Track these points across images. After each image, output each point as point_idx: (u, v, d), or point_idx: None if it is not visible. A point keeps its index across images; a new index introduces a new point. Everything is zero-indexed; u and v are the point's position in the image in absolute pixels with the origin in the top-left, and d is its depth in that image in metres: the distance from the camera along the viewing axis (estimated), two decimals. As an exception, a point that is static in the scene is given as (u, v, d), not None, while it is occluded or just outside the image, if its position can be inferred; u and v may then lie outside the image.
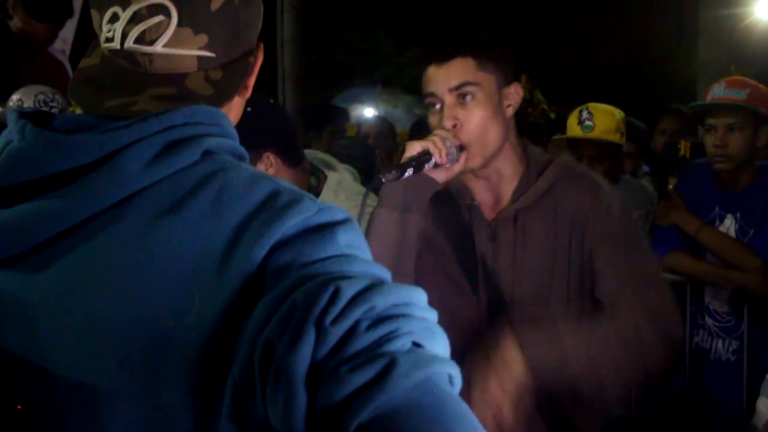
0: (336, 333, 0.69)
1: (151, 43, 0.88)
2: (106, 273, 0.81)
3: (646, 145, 3.95)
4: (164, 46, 0.88)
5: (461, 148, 1.63)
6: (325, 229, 0.80)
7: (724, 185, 2.74)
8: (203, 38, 0.88)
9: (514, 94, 1.70)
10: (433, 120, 1.68)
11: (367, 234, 1.62)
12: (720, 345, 2.76)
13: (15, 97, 2.90)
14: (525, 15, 11.30)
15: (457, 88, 1.63)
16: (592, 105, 3.11)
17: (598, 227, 1.66)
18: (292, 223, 0.79)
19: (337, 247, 0.79)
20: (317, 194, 2.37)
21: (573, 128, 3.11)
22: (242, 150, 0.91)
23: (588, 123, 3.03)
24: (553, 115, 7.62)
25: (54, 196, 0.82)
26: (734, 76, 3.19)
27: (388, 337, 0.69)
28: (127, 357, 0.79)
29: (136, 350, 0.79)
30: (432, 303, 0.75)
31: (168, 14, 0.87)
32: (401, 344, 0.69)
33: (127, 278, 0.80)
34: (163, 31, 0.87)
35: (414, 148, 1.59)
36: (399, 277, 1.33)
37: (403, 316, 0.71)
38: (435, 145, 1.59)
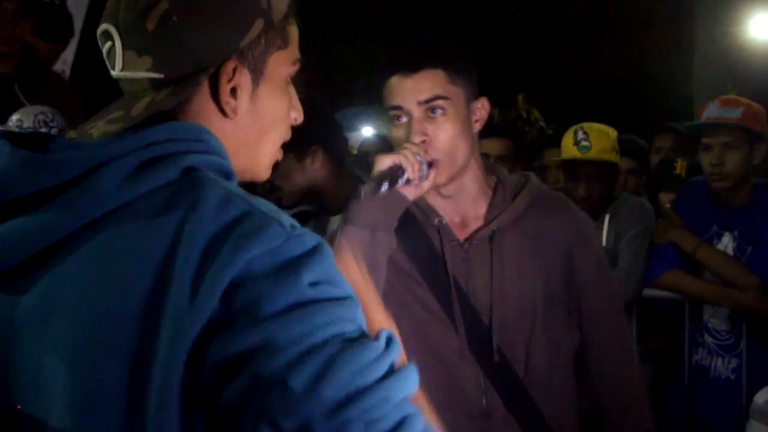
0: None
1: (113, 68, 0.90)
2: (83, 292, 0.81)
3: (647, 161, 3.96)
4: (121, 70, 0.89)
5: (430, 164, 1.53)
6: (290, 268, 0.77)
7: (722, 203, 2.75)
8: (148, 60, 0.87)
9: (481, 109, 1.62)
10: (397, 133, 1.58)
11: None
12: (719, 363, 2.75)
13: (15, 117, 2.89)
14: (521, 34, 11.36)
15: (427, 101, 1.54)
16: (586, 125, 3.10)
17: (585, 262, 1.68)
18: (256, 253, 0.77)
19: (299, 291, 0.77)
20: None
21: (569, 149, 3.09)
22: (228, 167, 0.89)
23: (585, 143, 3.02)
24: (550, 132, 7.64)
25: (34, 215, 0.82)
26: (730, 94, 3.21)
27: None
28: (102, 380, 0.78)
29: (109, 373, 0.78)
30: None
31: (113, 39, 0.89)
32: None
33: (101, 298, 0.79)
34: (115, 56, 0.89)
35: (384, 162, 1.48)
36: None
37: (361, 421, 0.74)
38: (407, 159, 1.48)
